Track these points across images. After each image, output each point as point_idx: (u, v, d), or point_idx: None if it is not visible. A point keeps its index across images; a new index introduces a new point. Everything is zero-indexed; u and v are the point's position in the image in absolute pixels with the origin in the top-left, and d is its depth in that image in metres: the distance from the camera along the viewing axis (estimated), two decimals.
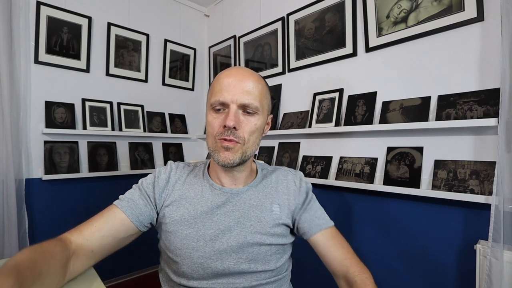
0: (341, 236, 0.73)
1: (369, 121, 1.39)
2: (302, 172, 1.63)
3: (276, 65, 1.93)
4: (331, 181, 1.51)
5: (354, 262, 0.68)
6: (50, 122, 1.70)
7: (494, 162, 1.01)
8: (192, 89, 2.50)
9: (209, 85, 2.51)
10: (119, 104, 2.03)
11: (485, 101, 1.08)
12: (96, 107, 1.91)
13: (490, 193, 1.02)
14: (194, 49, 2.48)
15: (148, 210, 0.68)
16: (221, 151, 0.64)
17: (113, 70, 2.01)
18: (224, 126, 0.63)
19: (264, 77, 1.99)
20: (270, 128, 1.89)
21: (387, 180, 1.31)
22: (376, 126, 1.34)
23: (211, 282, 0.65)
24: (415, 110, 1.25)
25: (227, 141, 0.63)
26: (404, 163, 1.28)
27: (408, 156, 1.27)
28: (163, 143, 2.27)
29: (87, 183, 1.86)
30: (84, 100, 1.86)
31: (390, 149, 1.34)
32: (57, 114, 1.74)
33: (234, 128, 0.63)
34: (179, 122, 2.37)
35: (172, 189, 0.71)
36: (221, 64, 2.41)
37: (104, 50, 1.97)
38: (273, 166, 0.83)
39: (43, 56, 1.71)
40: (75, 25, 1.83)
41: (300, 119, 1.74)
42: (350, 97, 1.51)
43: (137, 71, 2.13)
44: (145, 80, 2.18)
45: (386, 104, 1.36)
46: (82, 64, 1.86)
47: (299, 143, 1.77)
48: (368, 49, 1.44)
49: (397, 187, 1.25)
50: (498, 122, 0.97)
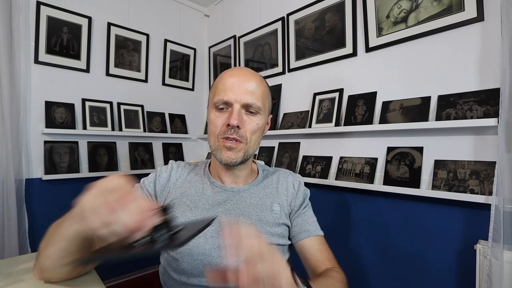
0: (327, 246, 0.73)
1: (369, 121, 1.39)
2: (302, 172, 1.65)
3: (276, 65, 1.93)
4: (331, 181, 1.51)
5: (333, 265, 0.68)
6: (50, 122, 1.70)
7: (494, 162, 1.01)
8: (192, 89, 2.50)
9: (209, 85, 2.52)
10: (119, 104, 2.03)
11: (485, 101, 1.08)
12: (96, 107, 1.91)
13: (490, 193, 1.02)
14: (194, 49, 2.48)
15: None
16: (224, 151, 0.65)
17: (113, 70, 2.01)
18: (228, 125, 0.64)
19: (264, 77, 1.98)
20: (270, 128, 1.90)
21: (387, 180, 1.31)
22: (376, 126, 1.34)
23: None
24: (415, 110, 1.25)
25: (230, 141, 0.64)
26: (404, 163, 1.28)
27: (408, 156, 1.27)
28: (163, 143, 2.27)
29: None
30: (84, 100, 1.86)
31: (390, 149, 1.34)
32: (57, 114, 1.74)
33: (238, 127, 0.64)
34: (179, 122, 2.38)
35: (173, 187, 0.72)
36: (221, 64, 2.41)
37: (104, 50, 1.97)
38: (274, 168, 0.84)
39: (43, 56, 1.71)
40: (75, 25, 1.83)
41: (300, 119, 1.74)
42: (350, 97, 1.51)
43: (137, 71, 2.13)
44: (145, 80, 2.18)
45: (386, 104, 1.36)
46: (82, 64, 1.86)
47: (299, 143, 1.77)
48: (368, 49, 1.44)
49: (397, 187, 1.25)
50: (498, 122, 0.97)
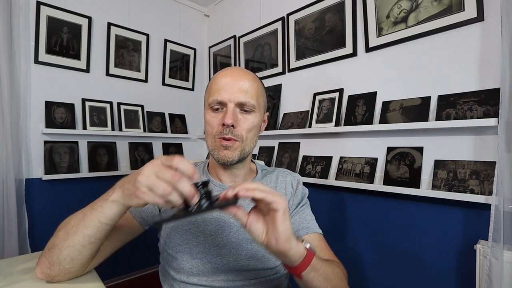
0: (327, 243, 0.72)
1: (369, 121, 1.39)
2: (302, 172, 1.65)
3: (276, 65, 1.93)
4: (331, 181, 1.51)
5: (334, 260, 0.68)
6: (50, 122, 1.70)
7: (494, 162, 1.01)
8: (192, 89, 2.50)
9: None
10: (119, 104, 2.03)
11: (485, 101, 1.08)
12: (96, 107, 1.91)
13: (490, 193, 1.02)
14: (194, 49, 2.48)
15: (150, 207, 0.69)
16: (220, 150, 0.66)
17: (113, 70, 2.01)
18: (223, 125, 0.64)
19: (264, 77, 2.00)
20: (270, 128, 1.91)
21: (387, 180, 1.31)
22: (376, 126, 1.34)
23: (211, 279, 0.65)
24: (415, 110, 1.25)
25: (226, 140, 0.65)
26: (404, 163, 1.28)
27: (408, 156, 1.27)
28: (163, 143, 2.27)
29: (87, 183, 1.86)
30: (84, 100, 1.86)
31: (390, 149, 1.34)
32: (57, 114, 1.74)
33: (232, 126, 0.64)
34: (179, 122, 2.38)
35: None
36: (221, 64, 2.41)
37: (104, 50, 1.97)
38: (273, 167, 0.84)
39: (43, 56, 1.71)
40: (75, 25, 1.83)
41: (300, 119, 1.74)
42: (350, 97, 1.51)
43: (137, 71, 2.13)
44: (145, 80, 2.18)
45: (386, 104, 1.36)
46: (82, 64, 1.86)
47: (299, 143, 1.77)
48: (368, 49, 1.44)
49: (397, 187, 1.25)
50: (498, 122, 0.97)
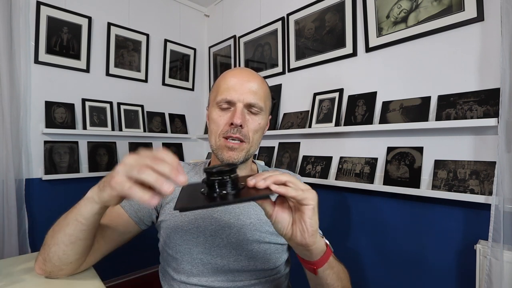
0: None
1: (369, 121, 1.39)
2: (302, 172, 1.65)
3: (276, 65, 1.93)
4: (331, 181, 1.50)
5: None
6: (50, 122, 1.70)
7: (494, 162, 1.01)
8: (192, 89, 2.50)
9: (209, 85, 2.53)
10: (119, 104, 2.03)
11: (485, 101, 1.08)
12: (96, 107, 1.91)
13: (490, 193, 1.02)
14: (194, 49, 2.48)
15: (148, 208, 0.69)
16: (225, 150, 0.66)
17: (113, 70, 2.01)
18: (231, 124, 0.64)
19: (264, 77, 1.99)
20: (270, 128, 1.91)
21: (387, 180, 1.31)
22: (376, 126, 1.34)
23: (211, 280, 0.65)
24: (415, 110, 1.25)
25: (232, 141, 0.65)
26: (404, 163, 1.28)
27: (408, 156, 1.27)
28: (163, 143, 2.27)
29: (87, 183, 1.83)
30: (84, 100, 1.86)
31: (390, 149, 1.34)
32: (57, 114, 1.74)
33: (241, 126, 0.64)
34: (179, 122, 2.38)
35: None
36: (221, 64, 2.41)
37: (104, 50, 1.97)
38: (274, 168, 0.84)
39: (43, 56, 1.71)
40: (75, 25, 1.83)
41: (300, 119, 1.74)
42: (350, 97, 1.51)
43: (137, 71, 2.13)
44: (145, 80, 2.18)
45: (386, 104, 1.36)
46: (82, 64, 1.86)
47: (299, 143, 1.77)
48: (368, 49, 1.44)
49: (397, 187, 1.25)
50: (498, 122, 0.97)
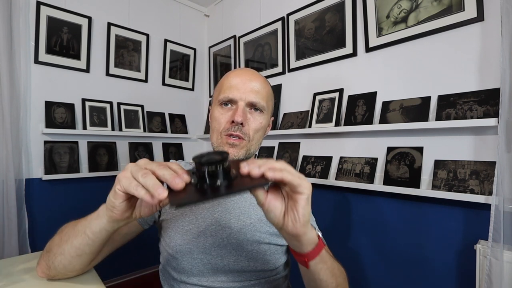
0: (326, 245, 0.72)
1: (369, 121, 1.39)
2: (302, 172, 1.64)
3: (276, 65, 1.93)
4: (331, 181, 1.51)
5: None
6: (50, 122, 1.70)
7: (494, 162, 1.01)
8: (192, 89, 2.50)
9: (209, 85, 2.53)
10: (119, 104, 2.03)
11: (485, 101, 1.08)
12: (96, 107, 1.91)
13: (490, 193, 1.02)
14: (194, 49, 2.48)
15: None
16: (226, 147, 0.66)
17: (113, 70, 2.01)
18: (232, 122, 0.65)
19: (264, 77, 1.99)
20: (270, 128, 1.90)
21: (387, 180, 1.31)
22: (376, 126, 1.34)
23: (211, 280, 0.65)
24: (415, 110, 1.25)
25: (233, 138, 0.65)
26: (404, 163, 1.28)
27: (408, 156, 1.27)
28: (163, 143, 2.27)
29: (87, 183, 1.86)
30: (84, 100, 1.86)
31: (390, 149, 1.34)
32: (57, 114, 1.74)
33: (241, 124, 0.65)
34: (179, 122, 2.38)
35: None
36: (221, 64, 2.41)
37: (104, 50, 1.97)
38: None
39: (43, 56, 1.71)
40: (75, 25, 1.83)
41: (300, 119, 1.74)
42: (350, 97, 1.51)
43: (137, 71, 2.13)
44: (145, 80, 2.18)
45: (386, 104, 1.36)
46: (82, 64, 1.86)
47: (299, 143, 1.77)
48: (368, 49, 1.44)
49: (397, 187, 1.25)
50: (498, 122, 0.97)
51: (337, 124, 1.52)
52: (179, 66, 2.40)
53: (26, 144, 1.63)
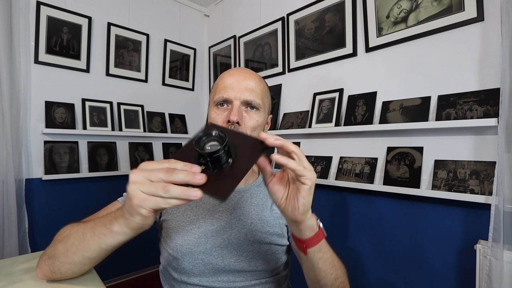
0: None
1: (369, 121, 1.39)
2: None
3: (276, 65, 1.93)
4: (331, 181, 1.51)
5: None
6: (50, 122, 1.70)
7: (494, 162, 1.01)
8: (192, 89, 2.50)
9: (209, 85, 2.53)
10: (119, 104, 2.03)
11: (485, 101, 1.08)
12: (96, 107, 1.91)
13: (490, 193, 1.02)
14: (194, 49, 2.48)
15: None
16: None
17: (113, 70, 2.01)
18: (228, 121, 0.64)
19: (264, 77, 2.00)
20: (270, 128, 1.90)
21: (387, 180, 1.31)
22: (376, 126, 1.34)
23: (212, 280, 0.65)
24: (415, 110, 1.25)
25: None
26: (404, 163, 1.28)
27: (408, 156, 1.27)
28: (163, 143, 2.27)
29: (87, 183, 1.86)
30: (84, 100, 1.86)
31: (390, 149, 1.34)
32: (57, 114, 1.74)
33: (238, 123, 0.65)
34: (179, 122, 2.38)
35: None
36: (221, 64, 2.41)
37: (104, 50, 1.97)
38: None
39: (43, 56, 1.71)
40: (75, 25, 1.83)
41: (300, 119, 1.74)
42: (350, 97, 1.51)
43: (137, 71, 2.13)
44: (145, 80, 2.18)
45: (386, 104, 1.36)
46: (82, 64, 1.86)
47: (299, 143, 1.77)
48: (368, 49, 1.44)
49: (397, 187, 1.25)
50: (498, 122, 0.97)
51: (337, 124, 1.52)
52: (179, 66, 2.40)
53: (26, 144, 1.63)
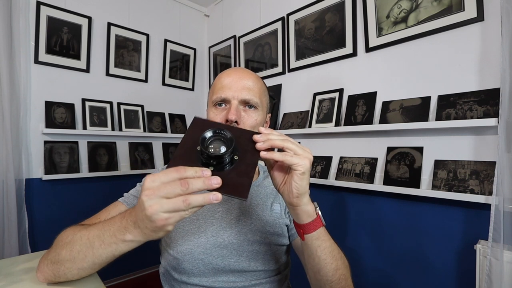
0: None
1: (369, 121, 1.39)
2: None
3: (276, 65, 1.93)
4: (331, 181, 1.51)
5: None
6: (50, 122, 1.70)
7: (494, 162, 1.01)
8: (192, 89, 2.50)
9: (209, 85, 2.52)
10: (119, 104, 2.03)
11: (485, 101, 1.08)
12: (96, 107, 1.91)
13: (490, 193, 1.02)
14: (194, 49, 2.48)
15: None
16: None
17: (113, 70, 2.01)
18: (226, 121, 0.65)
19: (264, 77, 2.00)
20: (269, 125, 1.90)
21: (387, 180, 1.31)
22: (376, 126, 1.34)
23: (212, 280, 0.65)
24: (415, 110, 1.25)
25: None
26: (404, 163, 1.28)
27: (408, 156, 1.27)
28: (163, 143, 2.27)
29: (87, 183, 1.86)
30: (84, 100, 1.86)
31: (390, 149, 1.34)
32: (57, 114, 1.74)
33: (236, 123, 0.65)
34: (179, 122, 2.38)
35: None
36: (221, 64, 2.41)
37: (104, 50, 1.97)
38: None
39: (43, 56, 1.71)
40: (75, 25, 1.83)
41: (300, 119, 1.74)
42: (350, 97, 1.51)
43: (137, 71, 2.13)
44: (145, 80, 2.18)
45: (386, 104, 1.36)
46: (82, 64, 1.86)
47: (299, 143, 1.77)
48: (368, 49, 1.44)
49: (397, 187, 1.25)
50: (498, 122, 0.97)
51: (337, 124, 1.52)
52: (179, 66, 2.40)
53: (26, 144, 1.63)
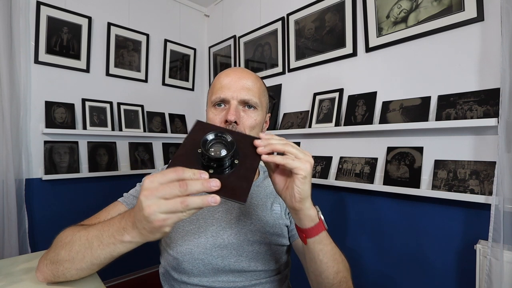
0: None
1: (369, 121, 1.39)
2: None
3: (276, 65, 1.93)
4: (331, 181, 1.51)
5: None
6: (50, 122, 1.70)
7: (494, 162, 1.01)
8: (192, 89, 2.50)
9: (209, 85, 2.52)
10: (119, 104, 2.03)
11: (485, 101, 1.08)
12: (96, 107, 1.91)
13: (490, 193, 1.02)
14: (194, 49, 2.48)
15: None
16: None
17: (113, 70, 2.01)
18: (226, 121, 0.64)
19: (264, 77, 2.00)
20: (270, 128, 1.90)
21: (387, 180, 1.31)
22: (376, 126, 1.34)
23: (212, 280, 0.65)
24: (415, 110, 1.25)
25: None
26: (404, 163, 1.28)
27: (408, 156, 1.27)
28: (163, 143, 2.27)
29: (87, 183, 1.86)
30: (84, 100, 1.86)
31: (390, 149, 1.34)
32: (57, 114, 1.74)
33: (235, 123, 0.64)
34: (179, 122, 2.38)
35: None
36: (221, 64, 2.41)
37: (104, 50, 1.97)
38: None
39: (43, 56, 1.71)
40: (75, 25, 1.83)
41: (300, 119, 1.74)
42: (350, 97, 1.51)
43: (137, 71, 2.13)
44: (145, 80, 2.18)
45: (386, 104, 1.36)
46: (82, 64, 1.86)
47: (299, 143, 1.77)
48: (368, 49, 1.44)
49: (397, 187, 1.25)
50: (498, 122, 0.97)
51: (337, 124, 1.52)
52: (179, 66, 2.40)
53: (26, 144, 1.63)
